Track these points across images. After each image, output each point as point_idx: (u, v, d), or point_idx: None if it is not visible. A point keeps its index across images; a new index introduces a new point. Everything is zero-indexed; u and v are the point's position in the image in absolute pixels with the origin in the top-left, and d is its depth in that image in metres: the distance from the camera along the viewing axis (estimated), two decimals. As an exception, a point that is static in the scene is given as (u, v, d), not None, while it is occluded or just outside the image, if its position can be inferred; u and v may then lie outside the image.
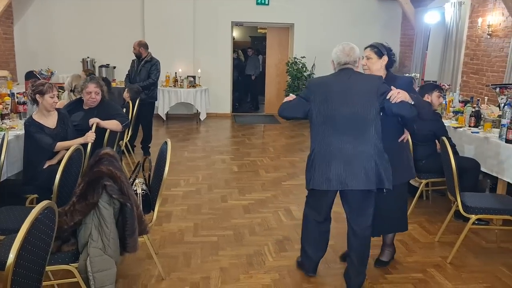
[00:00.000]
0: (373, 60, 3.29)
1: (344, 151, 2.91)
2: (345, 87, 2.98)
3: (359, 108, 2.92)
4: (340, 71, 3.07)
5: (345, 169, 2.90)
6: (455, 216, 4.22)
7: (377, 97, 2.94)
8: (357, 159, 2.90)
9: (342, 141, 2.92)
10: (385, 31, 10.83)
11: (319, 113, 2.99)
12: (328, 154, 2.94)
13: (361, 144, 2.92)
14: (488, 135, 4.57)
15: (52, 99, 3.73)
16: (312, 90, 3.07)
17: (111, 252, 2.70)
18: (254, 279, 3.36)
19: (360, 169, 2.89)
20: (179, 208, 4.72)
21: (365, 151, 2.91)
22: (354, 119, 2.92)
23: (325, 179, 2.94)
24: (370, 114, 2.93)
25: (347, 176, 2.90)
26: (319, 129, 3.00)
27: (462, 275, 3.47)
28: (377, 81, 3.01)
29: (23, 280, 1.93)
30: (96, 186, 2.64)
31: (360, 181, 2.90)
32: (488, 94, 7.16)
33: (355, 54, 3.06)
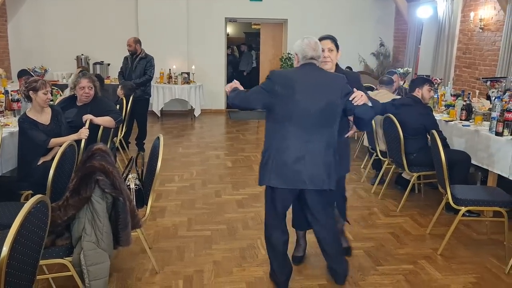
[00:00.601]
0: (334, 53, 3.28)
1: (304, 151, 2.84)
2: (311, 84, 2.88)
3: (325, 107, 2.84)
4: (304, 65, 2.95)
5: (302, 168, 2.84)
6: (447, 209, 4.28)
7: (341, 97, 2.89)
8: (316, 160, 2.85)
9: (303, 138, 2.85)
10: (378, 26, 10.89)
11: (282, 108, 2.86)
12: (288, 153, 2.85)
13: (319, 144, 2.87)
14: (478, 128, 4.62)
15: (45, 95, 3.76)
16: (276, 83, 2.89)
17: (104, 246, 2.73)
18: (247, 271, 3.40)
19: (317, 169, 2.86)
20: (173, 203, 4.76)
21: (323, 151, 2.87)
22: (320, 117, 2.84)
23: (281, 177, 2.87)
24: (334, 114, 2.90)
25: (303, 175, 2.84)
26: (279, 124, 2.88)
27: (452, 266, 3.52)
28: (342, 80, 2.95)
29: (17, 273, 1.97)
30: (89, 181, 2.67)
31: (316, 181, 2.86)
32: (480, 88, 7.22)
33: (320, 49, 2.97)
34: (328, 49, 3.24)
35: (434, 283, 3.26)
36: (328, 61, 3.24)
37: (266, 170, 2.91)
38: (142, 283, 3.21)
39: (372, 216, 4.53)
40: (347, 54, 10.55)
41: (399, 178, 5.28)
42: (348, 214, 4.41)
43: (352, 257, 3.64)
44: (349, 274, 3.28)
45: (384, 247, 3.83)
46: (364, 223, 4.34)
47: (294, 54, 3.01)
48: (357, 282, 3.27)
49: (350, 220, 4.37)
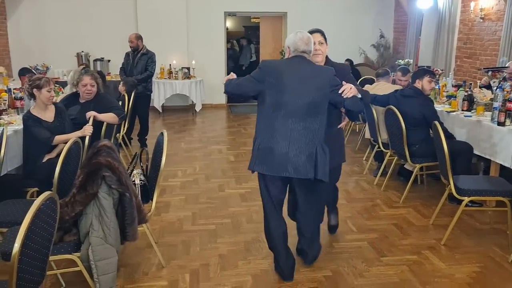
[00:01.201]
0: (324, 45, 3.35)
1: (289, 139, 2.92)
2: (300, 76, 2.95)
3: (312, 99, 2.92)
4: (294, 58, 3.02)
5: (288, 156, 2.91)
6: (450, 199, 4.30)
7: (328, 89, 2.95)
8: (300, 148, 2.92)
9: (290, 128, 2.92)
10: (378, 17, 10.87)
11: (271, 97, 2.95)
12: (274, 140, 2.94)
13: (309, 133, 2.93)
14: (480, 119, 4.64)
15: (49, 93, 3.78)
16: (266, 72, 2.99)
17: (112, 241, 2.77)
18: (252, 264, 3.43)
19: (302, 158, 2.92)
20: (177, 198, 4.79)
21: (312, 141, 2.94)
22: (306, 108, 2.92)
23: (270, 165, 2.95)
24: (321, 105, 2.96)
25: (289, 163, 2.91)
26: (268, 113, 2.97)
27: (456, 256, 3.55)
28: (330, 73, 3.00)
29: (28, 269, 2.00)
30: (95, 177, 2.70)
31: (300, 169, 2.92)
32: (482, 78, 7.22)
33: (311, 44, 3.05)
34: (318, 42, 3.30)
35: (438, 273, 3.29)
36: (319, 54, 3.31)
37: (254, 156, 3.02)
38: (149, 277, 3.25)
39: (376, 207, 4.55)
40: (347, 46, 10.63)
41: (402, 169, 5.31)
42: (351, 206, 4.50)
43: (356, 249, 3.67)
44: (317, 258, 3.43)
45: (388, 238, 3.85)
46: (368, 215, 4.37)
47: (286, 47, 3.08)
48: (361, 273, 3.30)
49: (354, 212, 4.42)
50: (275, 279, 3.23)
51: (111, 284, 2.81)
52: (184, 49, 10.30)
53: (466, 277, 3.24)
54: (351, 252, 3.62)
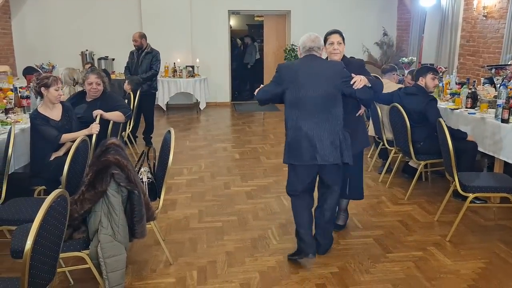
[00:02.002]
0: (342, 45, 3.60)
1: (315, 130, 3.19)
2: (312, 71, 3.24)
3: (325, 92, 3.20)
4: (305, 56, 3.33)
5: (313, 146, 3.18)
6: (454, 195, 4.32)
7: (340, 82, 3.24)
8: (326, 137, 3.19)
9: (312, 121, 3.20)
10: (381, 15, 10.87)
11: (291, 95, 3.26)
12: (302, 133, 3.21)
13: (329, 123, 3.20)
14: (484, 116, 4.65)
15: (57, 91, 3.81)
16: (283, 74, 3.32)
17: (120, 238, 2.79)
18: (259, 261, 3.46)
19: (328, 146, 3.19)
20: (184, 196, 4.82)
21: (330, 129, 3.20)
22: (322, 101, 3.20)
23: (300, 155, 3.22)
24: (335, 96, 3.24)
25: (316, 152, 3.18)
26: (291, 110, 3.27)
27: (461, 252, 3.57)
28: (340, 66, 3.31)
29: (39, 266, 2.03)
30: (104, 175, 2.73)
31: (328, 156, 3.19)
32: (485, 76, 7.22)
33: (320, 41, 3.35)
34: (337, 42, 3.56)
35: (444, 269, 3.31)
36: (337, 53, 3.57)
37: (286, 151, 3.32)
38: (157, 274, 3.28)
39: (381, 204, 4.57)
40: (350, 44, 10.45)
41: (406, 166, 5.32)
42: (357, 203, 4.51)
43: (362, 245, 3.69)
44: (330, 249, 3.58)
45: (393, 235, 3.88)
46: (373, 212, 4.39)
47: (298, 49, 3.43)
48: (368, 269, 3.32)
49: (359, 208, 4.44)
50: (282, 276, 3.25)
51: (120, 281, 2.84)
52: (188, 47, 10.33)
53: (471, 273, 3.26)
54: (357, 248, 3.64)
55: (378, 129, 5.36)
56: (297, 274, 3.28)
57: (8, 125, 4.15)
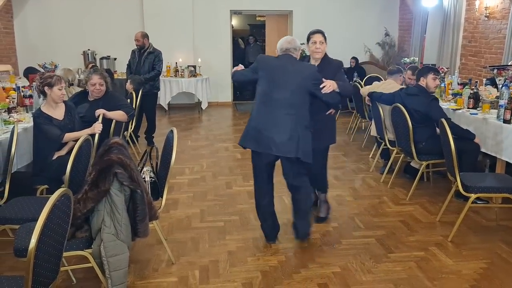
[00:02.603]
0: (324, 44, 3.80)
1: (274, 123, 3.39)
2: (285, 69, 3.47)
3: (293, 90, 3.41)
4: (282, 55, 3.55)
5: (272, 137, 3.38)
6: (456, 195, 4.32)
7: (310, 84, 3.46)
8: (283, 131, 3.37)
9: (273, 114, 3.41)
10: (383, 16, 10.87)
11: (262, 87, 3.50)
12: (262, 122, 3.43)
13: (292, 119, 3.39)
14: (486, 116, 4.65)
15: (60, 91, 3.82)
16: (260, 65, 3.57)
17: (123, 237, 2.80)
18: (261, 261, 3.47)
19: (284, 139, 3.37)
20: (185, 196, 4.82)
21: (291, 126, 3.38)
22: (290, 98, 3.40)
23: (257, 142, 3.44)
24: (303, 96, 3.45)
25: (272, 143, 3.38)
26: (259, 99, 3.51)
27: (463, 252, 3.57)
28: (313, 69, 3.54)
29: (43, 264, 2.04)
30: (107, 174, 2.73)
31: (282, 148, 3.38)
32: (487, 76, 7.22)
33: (295, 43, 3.57)
34: (319, 41, 3.78)
35: (446, 269, 3.32)
36: (319, 51, 3.80)
37: (245, 135, 3.54)
38: (159, 273, 3.28)
39: (382, 204, 4.58)
40: (352, 44, 10.64)
41: (408, 167, 5.33)
42: (358, 203, 4.52)
43: (364, 245, 3.70)
44: (310, 234, 3.78)
45: (395, 235, 3.88)
46: (375, 212, 4.39)
47: (276, 50, 3.62)
48: (370, 269, 3.33)
49: (361, 208, 4.45)
50: (284, 275, 3.26)
51: (123, 280, 2.84)
52: (190, 47, 10.34)
53: (473, 273, 3.27)
54: (359, 248, 3.64)
55: (380, 129, 5.36)
56: (299, 273, 3.28)
57: (11, 124, 4.16)
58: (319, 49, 3.76)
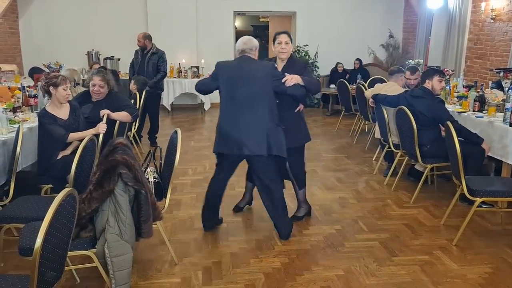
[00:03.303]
0: (289, 45, 3.87)
1: (241, 124, 3.53)
2: (244, 71, 3.57)
3: (253, 89, 3.52)
4: (240, 57, 3.67)
5: (241, 137, 3.52)
6: (460, 199, 4.30)
7: (270, 81, 3.55)
8: (252, 131, 3.52)
9: (240, 115, 3.54)
10: (387, 17, 10.86)
11: (223, 91, 3.63)
12: (230, 125, 3.57)
13: (255, 118, 3.52)
14: (492, 119, 4.63)
15: (65, 91, 3.82)
16: (219, 71, 3.67)
17: (127, 238, 2.80)
18: (264, 262, 3.46)
19: (253, 138, 3.51)
20: (188, 196, 4.82)
21: (258, 124, 3.52)
22: (253, 97, 3.53)
23: (229, 145, 3.58)
24: (266, 94, 3.55)
25: (242, 143, 3.51)
26: (223, 104, 3.65)
27: (468, 257, 3.55)
28: (271, 67, 3.63)
29: (49, 264, 2.04)
30: (112, 174, 2.73)
31: (253, 148, 3.51)
32: (492, 79, 7.19)
33: (251, 43, 3.66)
34: (285, 42, 3.84)
35: (451, 273, 3.30)
36: (285, 52, 3.86)
37: (216, 141, 3.69)
38: (162, 274, 3.28)
39: (386, 207, 4.56)
40: (356, 46, 10.63)
41: (412, 170, 5.31)
42: (362, 205, 4.51)
43: (368, 248, 3.68)
44: (290, 233, 3.84)
45: (399, 238, 3.86)
46: (378, 215, 4.37)
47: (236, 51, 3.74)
48: (373, 272, 3.31)
49: (364, 211, 4.43)
50: (287, 277, 3.25)
51: (126, 280, 2.84)
52: (194, 48, 10.35)
53: (478, 277, 3.24)
54: (363, 251, 3.63)
55: (384, 131, 5.35)
56: (302, 276, 3.27)
57: (16, 124, 4.16)
58: (285, 49, 3.83)
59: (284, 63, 3.90)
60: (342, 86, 8.15)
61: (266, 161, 3.60)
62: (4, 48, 9.23)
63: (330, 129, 8.47)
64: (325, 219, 4.27)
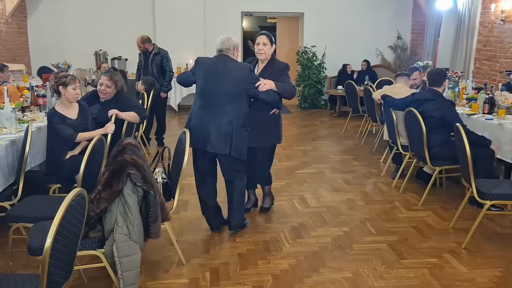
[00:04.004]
0: (268, 46, 3.89)
1: (209, 121, 3.59)
2: (219, 70, 3.61)
3: (229, 89, 3.57)
4: (218, 56, 3.71)
5: (207, 134, 3.58)
6: (470, 202, 4.26)
7: (244, 83, 3.58)
8: (217, 129, 3.57)
9: (209, 112, 3.61)
10: (396, 19, 10.81)
11: (199, 86, 3.70)
12: (199, 120, 3.64)
13: (222, 117, 3.57)
14: (502, 122, 4.59)
15: (74, 90, 3.82)
16: (197, 66, 3.74)
17: (136, 238, 2.80)
18: (272, 264, 3.44)
19: (218, 137, 3.57)
20: (195, 197, 4.73)
21: (224, 123, 3.56)
22: (225, 96, 3.57)
23: (194, 140, 3.61)
24: (238, 95, 3.59)
25: (207, 140, 3.59)
26: (196, 98, 3.72)
27: (477, 260, 3.52)
28: (246, 69, 3.65)
29: (58, 263, 2.04)
30: (120, 175, 2.73)
31: (216, 145, 3.59)
32: (502, 81, 7.14)
33: (229, 42, 3.69)
34: (262, 43, 3.89)
35: (460, 277, 3.27)
36: (262, 53, 3.90)
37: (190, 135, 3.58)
38: (170, 274, 3.27)
39: (394, 210, 4.53)
40: (364, 47, 10.60)
41: (420, 172, 5.27)
42: (370, 207, 4.49)
43: (376, 251, 3.66)
44: (242, 227, 3.99)
45: (407, 241, 3.83)
46: (386, 217, 4.35)
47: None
48: (382, 275, 3.29)
49: (372, 213, 4.41)
50: (295, 279, 3.23)
51: (134, 280, 2.84)
52: (201, 48, 10.34)
53: (488, 281, 3.21)
54: (371, 254, 3.61)
55: (392, 133, 5.32)
56: (310, 278, 3.25)
57: (25, 123, 4.18)
58: (262, 50, 3.87)
59: (264, 64, 3.95)
60: (349, 87, 8.12)
61: (230, 158, 3.67)
62: (13, 47, 9.28)
63: (338, 131, 8.45)
64: (332, 221, 4.25)
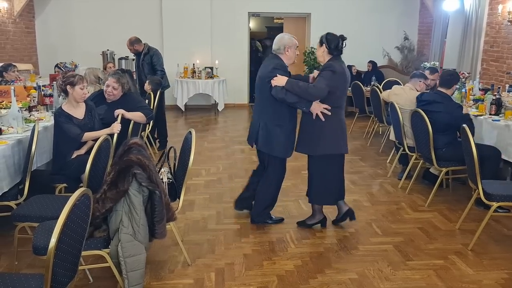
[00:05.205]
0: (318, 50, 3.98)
1: (255, 118, 3.96)
2: (261, 69, 3.88)
3: (259, 84, 3.85)
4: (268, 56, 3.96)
5: (251, 130, 4.01)
6: (476, 203, 4.24)
7: (265, 81, 3.75)
8: (253, 125, 3.95)
9: (256, 110, 3.97)
10: (403, 19, 10.77)
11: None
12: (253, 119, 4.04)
13: (259, 115, 3.89)
14: (509, 123, 4.56)
15: (82, 90, 3.84)
16: None
17: (141, 238, 2.80)
18: (277, 265, 3.44)
19: (255, 134, 3.90)
20: (202, 197, 4.82)
21: (259, 117, 3.88)
22: (258, 94, 3.89)
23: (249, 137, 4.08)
24: (261, 92, 3.83)
25: (249, 135, 4.04)
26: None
27: (484, 262, 3.49)
28: (270, 67, 3.77)
29: (62, 263, 2.04)
30: (126, 174, 2.73)
31: (249, 138, 4.05)
32: (509, 82, 7.09)
33: (279, 42, 3.85)
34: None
35: (466, 279, 3.25)
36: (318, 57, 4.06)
37: None
38: (175, 275, 3.28)
39: (400, 211, 4.51)
40: (370, 48, 10.56)
41: (427, 173, 5.25)
42: (376, 208, 4.49)
43: (382, 252, 3.65)
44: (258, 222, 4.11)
45: (413, 242, 3.82)
46: (393, 218, 4.33)
47: None
48: (387, 276, 3.27)
49: (378, 214, 4.39)
50: (300, 280, 3.22)
51: (139, 281, 2.84)
52: (208, 49, 10.37)
53: (494, 283, 3.19)
54: (377, 255, 3.59)
55: (399, 134, 5.29)
56: (315, 279, 3.25)
57: (31, 123, 4.20)
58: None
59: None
60: (356, 88, 8.09)
61: (263, 154, 3.99)
62: (20, 47, 9.34)
63: (344, 131, 8.41)
64: (338, 222, 4.24)
